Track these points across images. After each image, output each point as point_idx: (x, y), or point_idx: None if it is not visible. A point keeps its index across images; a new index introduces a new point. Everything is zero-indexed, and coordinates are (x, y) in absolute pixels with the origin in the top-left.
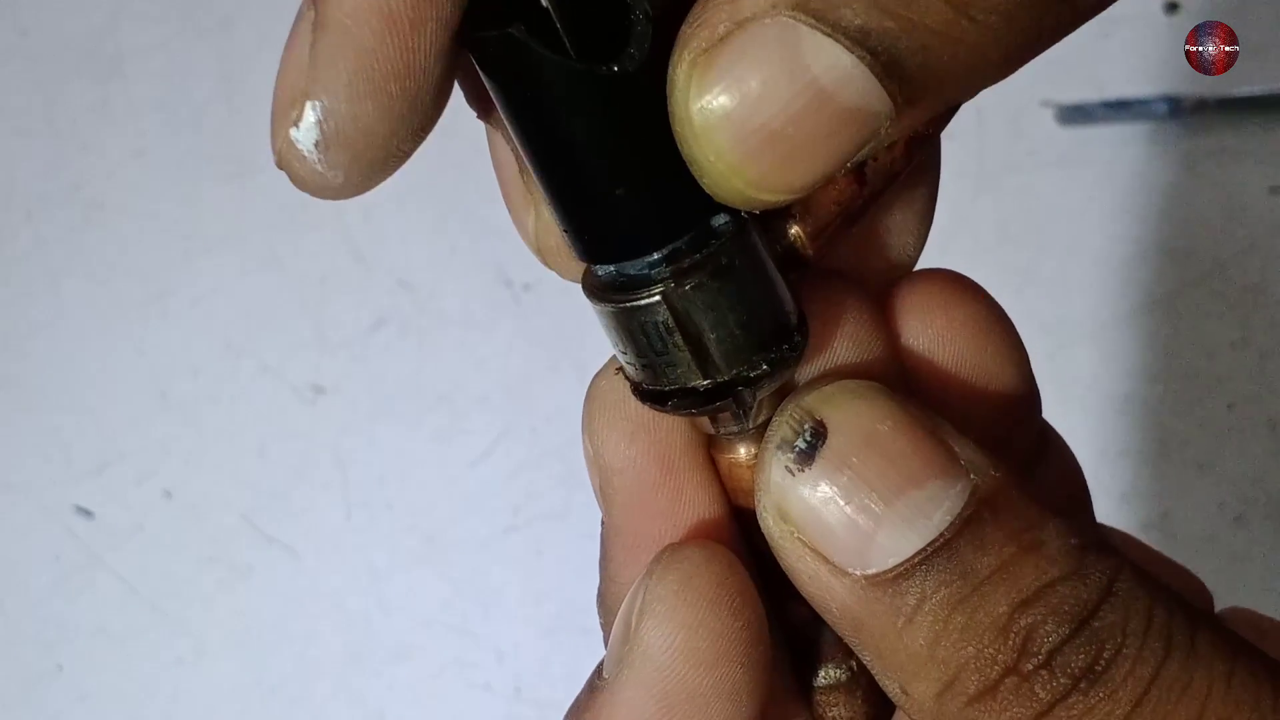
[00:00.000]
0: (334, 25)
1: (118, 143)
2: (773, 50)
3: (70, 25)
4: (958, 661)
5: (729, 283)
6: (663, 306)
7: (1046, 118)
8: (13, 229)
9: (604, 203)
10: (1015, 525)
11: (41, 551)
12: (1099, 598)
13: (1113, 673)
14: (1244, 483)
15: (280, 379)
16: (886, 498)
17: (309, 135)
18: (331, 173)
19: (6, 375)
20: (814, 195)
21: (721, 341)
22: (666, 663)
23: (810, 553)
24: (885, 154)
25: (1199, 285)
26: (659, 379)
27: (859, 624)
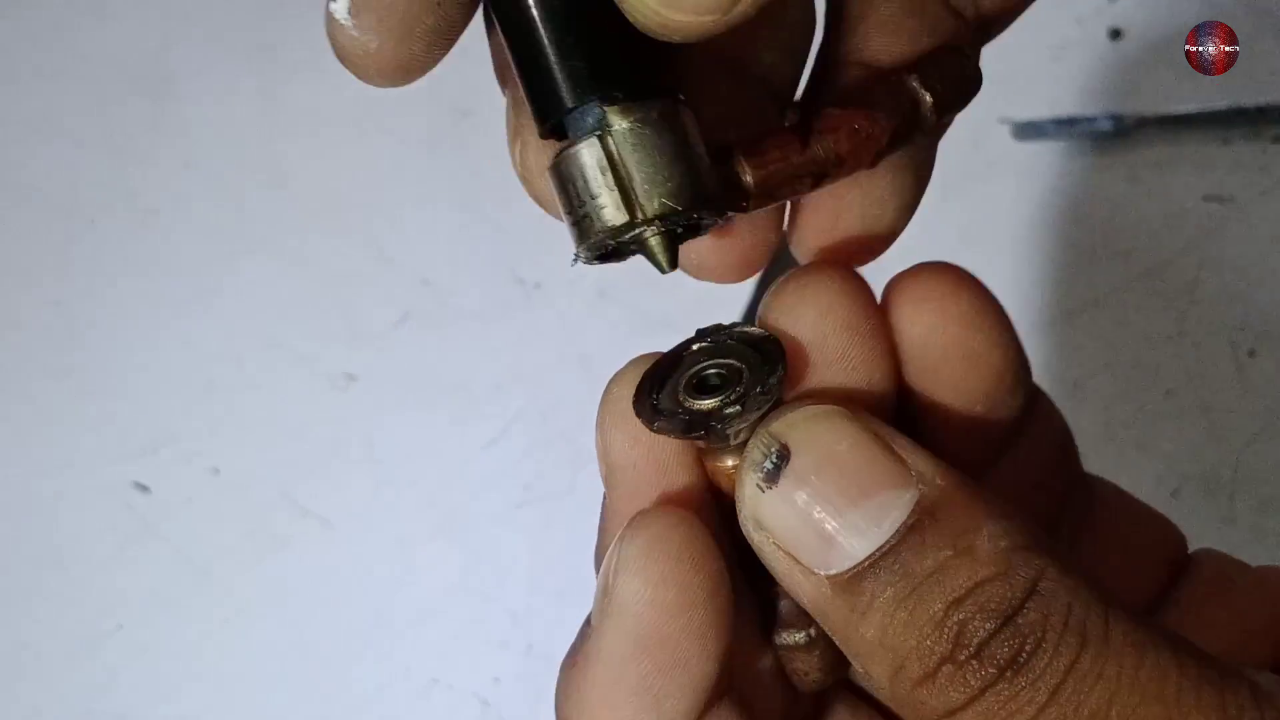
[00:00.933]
0: None
1: (169, 156)
2: None
3: (127, 51)
4: (903, 651)
5: (659, 134)
6: (597, 145)
7: (1003, 133)
8: (77, 233)
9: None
10: (952, 531)
11: (103, 522)
12: (1024, 596)
13: (1034, 663)
14: (1180, 460)
15: (315, 368)
16: (842, 509)
17: (343, 5)
18: (365, 36)
19: (71, 364)
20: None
21: (645, 181)
22: (638, 612)
23: (783, 555)
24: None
25: (1140, 283)
26: (590, 228)
27: (825, 615)
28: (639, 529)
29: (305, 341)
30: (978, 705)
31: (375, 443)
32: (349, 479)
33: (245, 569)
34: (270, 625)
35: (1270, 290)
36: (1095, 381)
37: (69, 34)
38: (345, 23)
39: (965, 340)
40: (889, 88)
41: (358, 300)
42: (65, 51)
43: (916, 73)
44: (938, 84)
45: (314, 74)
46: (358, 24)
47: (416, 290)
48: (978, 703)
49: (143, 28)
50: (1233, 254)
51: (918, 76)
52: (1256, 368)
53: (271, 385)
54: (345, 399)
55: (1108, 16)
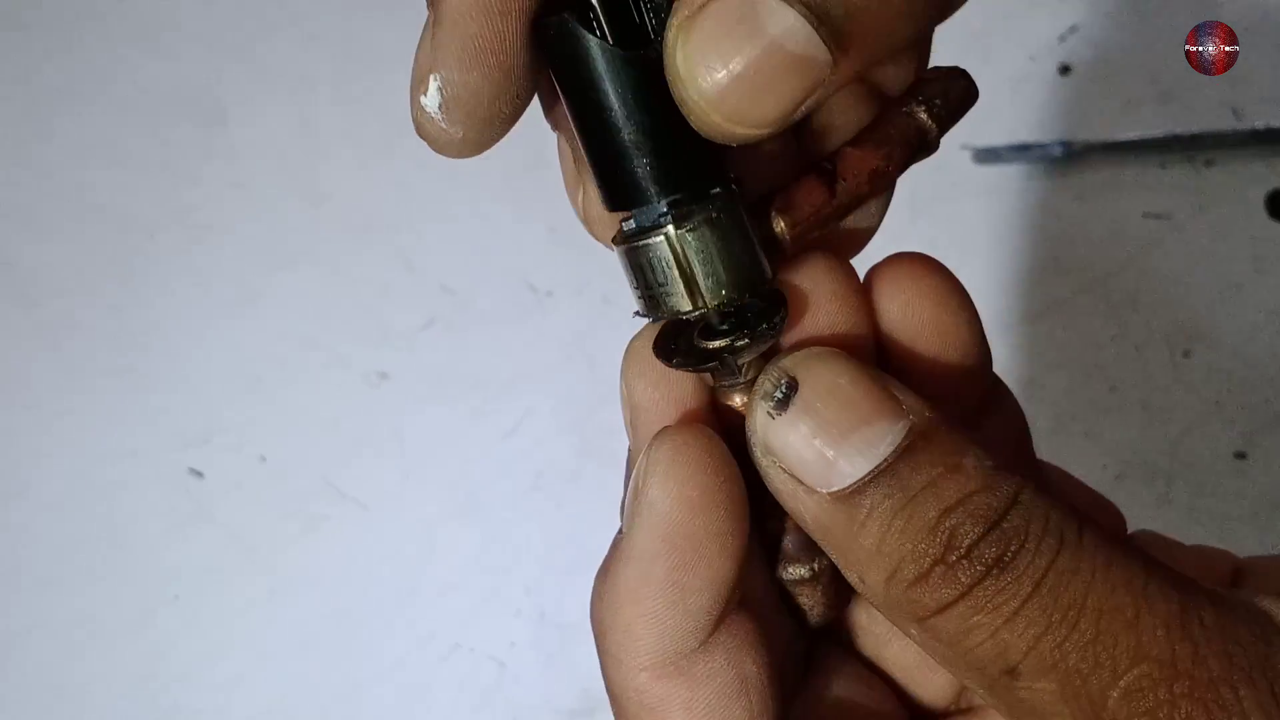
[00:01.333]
0: (446, 18)
1: (220, 177)
2: (738, 14)
3: (181, 83)
4: (899, 555)
5: (717, 233)
6: (664, 244)
7: (966, 158)
8: (137, 247)
9: (628, 159)
10: (942, 452)
11: (161, 505)
12: (1007, 505)
13: (1018, 561)
14: (1122, 448)
15: (350, 367)
16: (844, 433)
17: (434, 100)
18: (453, 129)
19: (132, 364)
20: (794, 198)
21: (707, 276)
22: (666, 510)
23: (788, 477)
24: (854, 183)
25: (1087, 292)
26: (658, 308)
27: (826, 529)
28: (665, 437)
29: (341, 343)
30: (968, 600)
31: (404, 434)
32: (381, 466)
33: (288, 546)
34: (310, 596)
35: (1203, 297)
36: (1048, 379)
37: (130, 70)
38: (435, 116)
39: (938, 316)
40: (897, 120)
41: (388, 306)
42: (127, 85)
43: (920, 98)
44: (940, 108)
45: (348, 104)
46: (446, 117)
47: (440, 297)
48: (967, 598)
49: (196, 64)
50: (1170, 265)
51: (923, 104)
52: (1190, 367)
53: (312, 382)
54: (377, 395)
55: (1058, 54)
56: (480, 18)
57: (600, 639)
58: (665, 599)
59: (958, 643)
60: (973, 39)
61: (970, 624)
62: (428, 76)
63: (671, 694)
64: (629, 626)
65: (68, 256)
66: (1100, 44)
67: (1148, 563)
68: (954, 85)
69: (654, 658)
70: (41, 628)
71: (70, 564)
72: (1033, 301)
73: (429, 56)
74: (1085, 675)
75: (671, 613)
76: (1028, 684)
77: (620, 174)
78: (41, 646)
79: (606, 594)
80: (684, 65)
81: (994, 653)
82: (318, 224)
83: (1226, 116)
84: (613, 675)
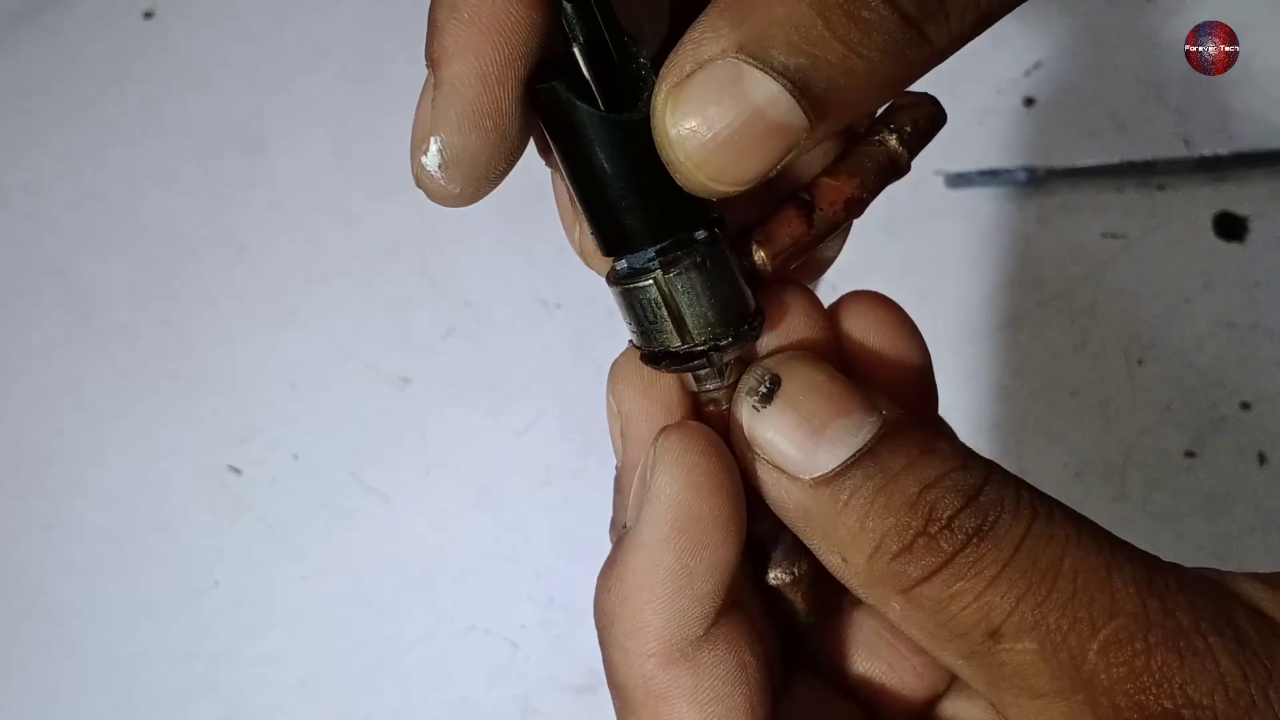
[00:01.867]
0: (446, 84)
1: (259, 200)
2: (723, 83)
3: (223, 114)
4: (882, 530)
5: (702, 275)
6: (654, 288)
7: (938, 182)
8: (182, 264)
9: (618, 211)
10: (918, 438)
11: (203, 498)
12: (982, 481)
13: (996, 530)
14: (1082, 448)
15: (377, 372)
16: (825, 423)
17: (434, 160)
18: (451, 186)
19: (178, 370)
20: (773, 229)
21: (694, 316)
22: (675, 495)
23: (772, 468)
24: (831, 211)
25: (1050, 305)
26: (651, 342)
27: (809, 514)
28: (671, 431)
29: (369, 351)
30: (950, 568)
31: (426, 433)
32: (404, 462)
33: (319, 536)
34: (339, 582)
35: (1156, 310)
36: (1014, 384)
37: (178, 103)
38: (436, 174)
39: (895, 343)
40: (869, 148)
41: (412, 317)
42: (175, 117)
43: (891, 125)
44: (910, 134)
45: (376, 136)
46: (445, 176)
47: (460, 309)
48: (950, 566)
49: (238, 98)
50: (1125, 281)
51: (893, 132)
52: (1145, 373)
53: (341, 387)
54: (402, 398)
55: (1022, 88)
56: (479, 86)
57: (606, 631)
58: (674, 583)
59: (942, 610)
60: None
61: (954, 590)
62: (428, 138)
63: (678, 680)
64: (638, 613)
65: (122, 272)
66: (1062, 79)
67: (1113, 537)
68: (922, 111)
69: (661, 644)
70: (97, 609)
71: (122, 552)
72: (1000, 314)
73: (429, 119)
74: (1065, 632)
75: (679, 597)
76: (1010, 645)
77: (612, 224)
78: (97, 626)
79: (614, 585)
80: (672, 129)
81: (977, 616)
82: (349, 243)
83: (1177, 145)
84: (619, 665)
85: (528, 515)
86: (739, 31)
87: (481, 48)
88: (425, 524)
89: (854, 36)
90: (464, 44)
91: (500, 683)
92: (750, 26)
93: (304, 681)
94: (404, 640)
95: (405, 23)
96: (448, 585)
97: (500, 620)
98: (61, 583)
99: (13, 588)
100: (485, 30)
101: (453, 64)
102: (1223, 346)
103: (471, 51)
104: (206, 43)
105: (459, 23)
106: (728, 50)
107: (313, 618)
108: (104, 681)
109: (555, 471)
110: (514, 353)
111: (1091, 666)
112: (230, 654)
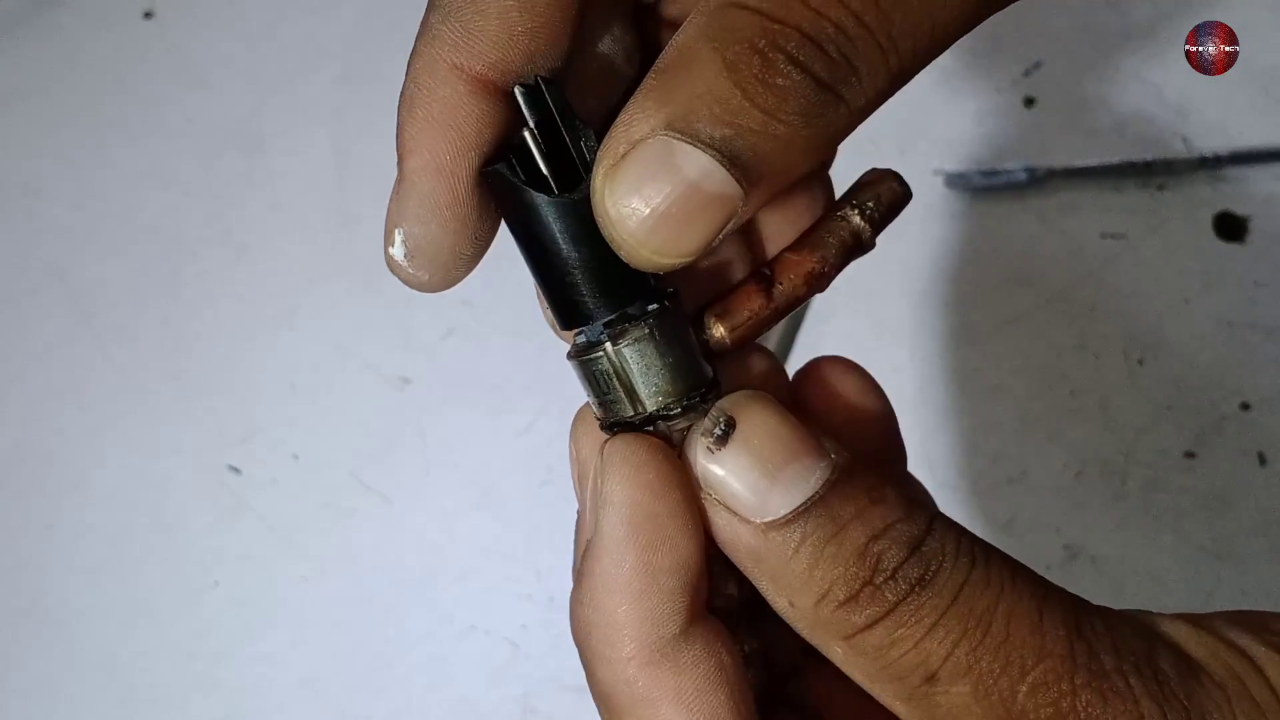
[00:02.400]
0: (405, 179)
1: (259, 200)
2: (656, 160)
3: (224, 115)
4: (830, 579)
5: (653, 346)
6: (604, 359)
7: (937, 183)
8: (182, 264)
9: (568, 287)
10: (866, 486)
11: (203, 498)
12: (924, 532)
13: (938, 579)
14: (1082, 448)
15: (377, 372)
16: (778, 467)
17: (400, 251)
18: (419, 273)
19: (179, 370)
20: (732, 304)
21: (645, 385)
22: (627, 497)
23: (725, 509)
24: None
25: (1050, 305)
26: (608, 412)
27: (759, 558)
28: (614, 442)
29: (369, 351)
30: (893, 616)
31: (426, 433)
32: (404, 462)
33: (319, 536)
34: (339, 582)
35: (1156, 310)
36: (1014, 384)
37: (178, 103)
38: (403, 264)
39: (861, 400)
40: (833, 224)
41: (412, 318)
42: (175, 117)
43: (854, 202)
44: (873, 210)
45: (376, 135)
46: (412, 264)
47: (460, 310)
48: (893, 614)
49: (238, 99)
50: (1125, 281)
51: (856, 209)
52: (1145, 373)
53: (341, 387)
54: (402, 398)
55: (1023, 88)
56: (434, 178)
57: (584, 643)
58: (640, 582)
59: (881, 655)
60: (944, 74)
61: (894, 637)
62: (394, 230)
63: (660, 681)
64: (611, 616)
65: (122, 272)
66: (1062, 78)
67: (1045, 581)
68: (886, 188)
69: (639, 645)
70: (96, 609)
71: (122, 552)
72: (999, 314)
73: (393, 212)
74: (997, 675)
75: (649, 595)
76: (944, 688)
77: (565, 299)
78: (97, 626)
79: (585, 596)
80: (612, 209)
81: (915, 662)
82: (349, 243)
83: (1177, 144)
84: (601, 675)
85: (528, 515)
86: (665, 109)
87: (434, 142)
88: (425, 524)
89: (771, 104)
90: (420, 139)
91: (500, 683)
92: (676, 104)
93: (304, 681)
94: (404, 640)
95: (405, 23)
96: (448, 585)
97: (500, 620)
98: (61, 583)
99: (13, 588)
100: (438, 125)
101: (411, 159)
102: (1223, 346)
103: (426, 146)
104: (206, 43)
105: (415, 120)
106: (656, 128)
107: (313, 618)
108: (104, 681)
109: (556, 471)
110: (514, 353)
111: (1020, 708)
112: (230, 654)
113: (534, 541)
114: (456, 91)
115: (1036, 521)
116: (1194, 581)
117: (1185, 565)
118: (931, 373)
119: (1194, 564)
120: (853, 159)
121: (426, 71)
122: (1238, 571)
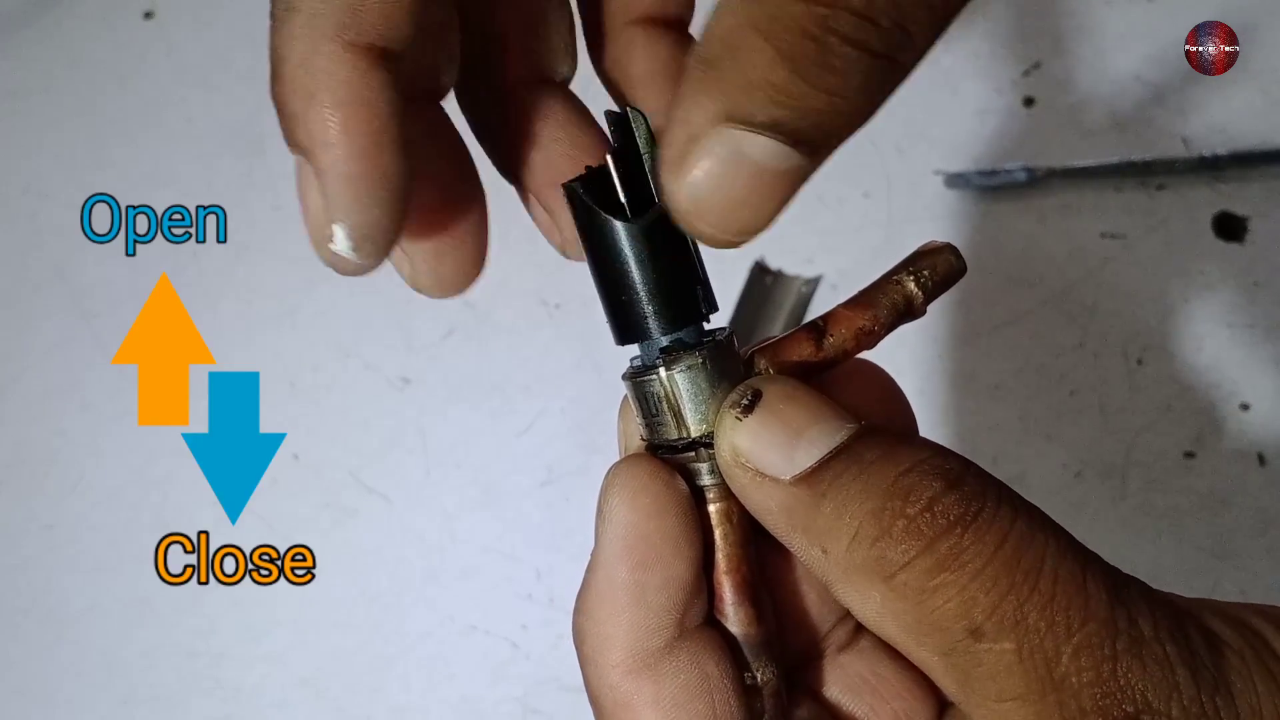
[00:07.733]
0: (329, 172)
1: (260, 201)
2: (723, 151)
3: (225, 116)
4: (860, 516)
5: (704, 374)
6: (657, 383)
7: (937, 183)
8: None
9: (627, 304)
10: (891, 434)
11: (204, 498)
12: (963, 470)
13: (980, 523)
14: (1081, 448)
15: (378, 372)
16: (801, 428)
17: (344, 245)
18: (367, 260)
19: None
20: (782, 349)
21: (694, 412)
22: (624, 518)
23: (753, 473)
24: (840, 339)
25: (1049, 304)
26: (653, 433)
27: (790, 511)
28: (620, 463)
29: (370, 351)
30: (933, 556)
31: (427, 433)
32: (405, 462)
33: (321, 536)
34: (341, 581)
35: (1155, 310)
36: (1013, 384)
37: (182, 105)
38: (349, 256)
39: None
40: (889, 287)
41: (413, 318)
42: (178, 118)
43: (911, 270)
44: (928, 279)
45: None
46: (359, 253)
47: (460, 310)
48: (932, 553)
49: (239, 98)
50: (1125, 281)
51: (912, 275)
52: (1144, 373)
53: (342, 387)
54: (402, 398)
55: (1022, 88)
56: (363, 163)
57: (580, 648)
58: (629, 596)
59: (924, 601)
60: (943, 74)
61: (937, 580)
62: (330, 226)
63: (640, 689)
64: (601, 626)
65: (122, 272)
66: (1061, 79)
67: (1083, 545)
68: (943, 260)
69: (624, 654)
70: (98, 608)
71: (122, 551)
72: (999, 313)
73: (323, 208)
74: (1042, 634)
75: (635, 609)
76: (990, 644)
77: (623, 316)
78: (99, 625)
79: (582, 605)
80: (689, 207)
81: (960, 611)
82: None
83: (1176, 145)
84: (592, 679)
85: (528, 515)
86: (721, 102)
87: (352, 127)
88: (426, 524)
89: (833, 84)
90: (335, 128)
91: (500, 682)
92: (731, 95)
93: (304, 681)
94: (405, 640)
95: None
96: (448, 585)
97: (501, 620)
98: (61, 583)
99: (13, 588)
100: (349, 107)
101: (331, 150)
102: (1222, 346)
103: (344, 132)
104: (207, 43)
105: (323, 107)
106: (716, 120)
107: (313, 617)
108: (104, 681)
109: (556, 471)
110: (514, 353)
111: (1064, 670)
112: (230, 654)
113: (534, 541)
114: (358, 69)
115: None
116: (1193, 581)
117: (1185, 565)
118: (931, 373)
119: (1193, 564)
120: (853, 159)
121: (316, 54)
122: (1237, 571)
